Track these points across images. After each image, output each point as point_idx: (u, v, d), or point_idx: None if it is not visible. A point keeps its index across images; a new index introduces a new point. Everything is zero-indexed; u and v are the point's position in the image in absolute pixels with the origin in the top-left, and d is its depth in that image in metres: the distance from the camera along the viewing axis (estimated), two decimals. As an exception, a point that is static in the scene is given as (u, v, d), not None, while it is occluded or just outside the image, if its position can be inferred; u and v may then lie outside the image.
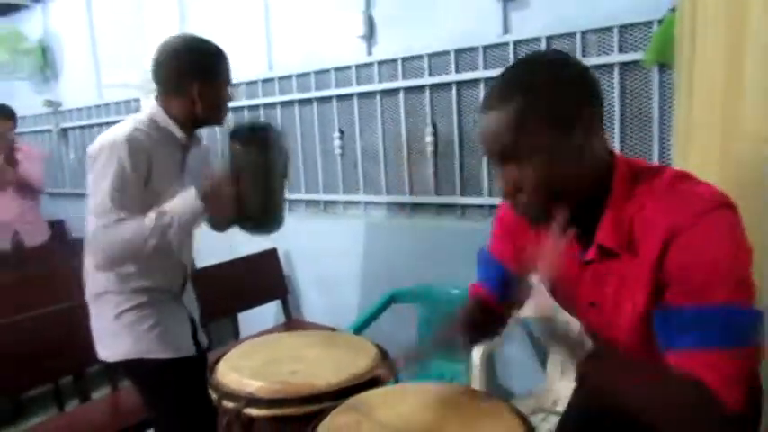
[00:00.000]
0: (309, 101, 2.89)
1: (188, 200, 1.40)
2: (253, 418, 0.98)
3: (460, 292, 2.27)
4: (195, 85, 1.47)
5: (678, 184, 0.80)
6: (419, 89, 2.48)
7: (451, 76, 2.35)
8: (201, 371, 1.48)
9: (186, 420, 1.50)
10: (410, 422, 0.84)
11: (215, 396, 1.06)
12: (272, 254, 2.97)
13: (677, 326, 0.75)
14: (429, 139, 2.46)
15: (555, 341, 0.88)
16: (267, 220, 1.53)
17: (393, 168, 2.64)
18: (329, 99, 2.81)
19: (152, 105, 1.52)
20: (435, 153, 2.47)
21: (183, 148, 1.56)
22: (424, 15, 2.42)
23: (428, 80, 2.42)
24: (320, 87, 2.84)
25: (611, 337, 0.92)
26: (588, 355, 0.83)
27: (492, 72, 2.23)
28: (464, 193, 2.42)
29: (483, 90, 2.29)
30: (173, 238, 1.39)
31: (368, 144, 2.71)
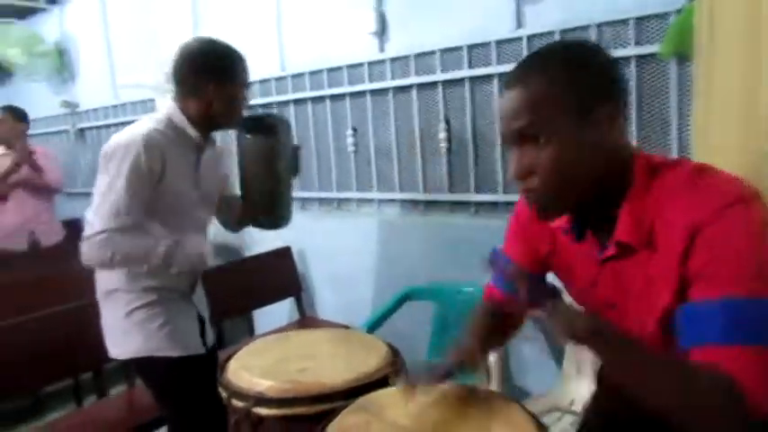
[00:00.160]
0: (322, 98, 2.89)
1: (198, 253, 1.48)
2: (262, 418, 0.98)
3: (474, 290, 2.25)
4: (211, 87, 1.48)
5: (699, 177, 0.77)
6: (432, 85, 2.46)
7: (464, 72, 2.32)
8: (211, 369, 1.49)
9: (196, 418, 1.51)
10: (420, 422, 0.83)
11: (224, 395, 1.05)
12: (285, 252, 2.98)
13: (703, 320, 0.71)
14: (442, 135, 2.44)
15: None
16: (274, 209, 1.54)
17: (406, 165, 2.63)
18: (342, 96, 2.80)
19: (169, 105, 1.54)
20: (449, 150, 2.45)
21: (198, 149, 1.57)
22: (435, 11, 2.40)
23: (441, 76, 2.40)
24: (333, 85, 2.83)
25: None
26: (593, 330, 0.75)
27: (505, 67, 2.20)
28: (478, 190, 2.40)
29: (496, 85, 2.26)
30: (171, 269, 1.46)
31: (381, 141, 2.70)
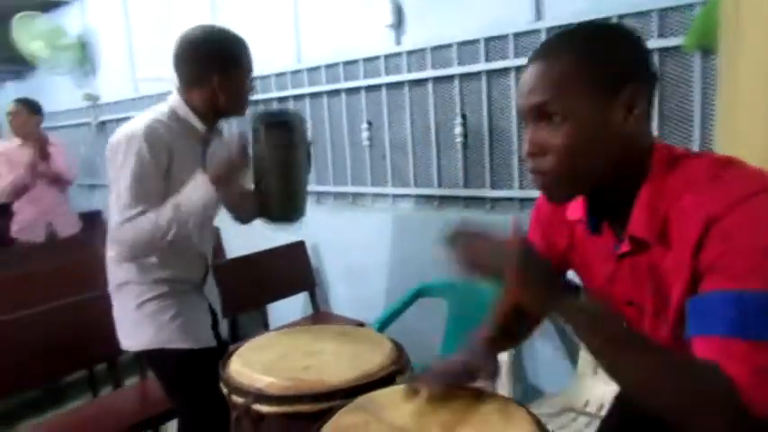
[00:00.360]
0: (338, 92, 2.87)
1: (199, 187, 1.39)
2: (263, 415, 0.97)
3: (488, 288, 2.21)
4: (215, 76, 1.46)
5: (721, 168, 0.73)
6: (448, 79, 2.42)
7: (481, 65, 2.28)
8: None
9: (206, 411, 1.51)
10: (420, 424, 0.81)
11: (225, 390, 1.04)
12: (299, 246, 2.97)
13: (712, 310, 0.67)
14: (458, 130, 2.40)
15: None
16: (288, 206, 1.52)
17: (421, 160, 2.60)
18: (358, 90, 2.78)
19: (173, 97, 1.52)
20: (464, 144, 2.42)
21: (204, 141, 1.55)
22: (452, 3, 2.36)
23: (457, 69, 2.36)
24: (349, 78, 2.81)
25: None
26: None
27: (523, 60, 2.15)
28: (494, 185, 2.36)
29: (513, 79, 2.22)
30: (191, 228, 1.39)
31: (396, 136, 2.67)
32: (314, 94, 2.99)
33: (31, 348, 2.04)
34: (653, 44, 1.86)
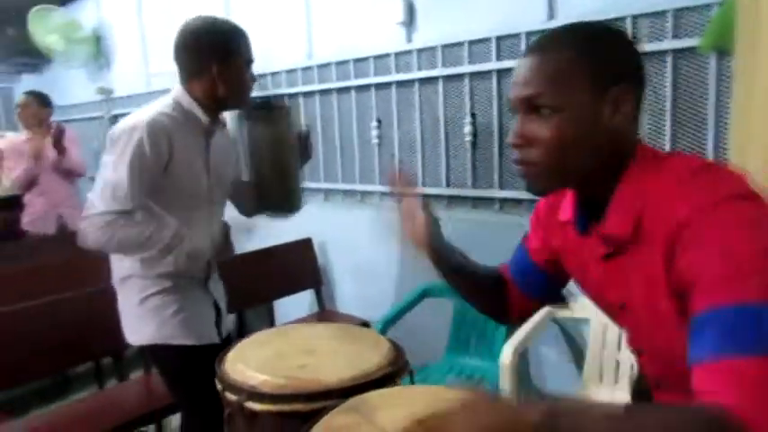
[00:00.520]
0: (348, 89, 2.85)
1: (175, 237, 1.46)
2: (256, 412, 0.95)
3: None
4: (214, 66, 1.46)
5: (693, 173, 0.72)
6: (458, 77, 2.40)
7: (492, 64, 2.26)
8: None
9: (206, 406, 1.50)
10: (412, 427, 0.79)
11: (219, 387, 1.03)
12: (306, 243, 2.97)
13: (695, 335, 0.64)
14: (467, 129, 2.38)
15: None
16: (281, 197, 1.52)
17: (430, 159, 2.58)
18: (368, 87, 2.76)
19: (176, 89, 1.52)
20: (473, 144, 2.39)
21: (207, 133, 1.55)
22: (464, 1, 2.33)
23: (467, 68, 2.34)
24: (359, 76, 2.79)
25: (652, 346, 0.83)
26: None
27: (534, 59, 2.12)
28: (503, 186, 2.33)
29: (525, 79, 2.18)
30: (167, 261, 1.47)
31: (405, 134, 2.65)
32: (324, 91, 2.98)
33: (39, 339, 2.06)
34: (667, 45, 1.82)
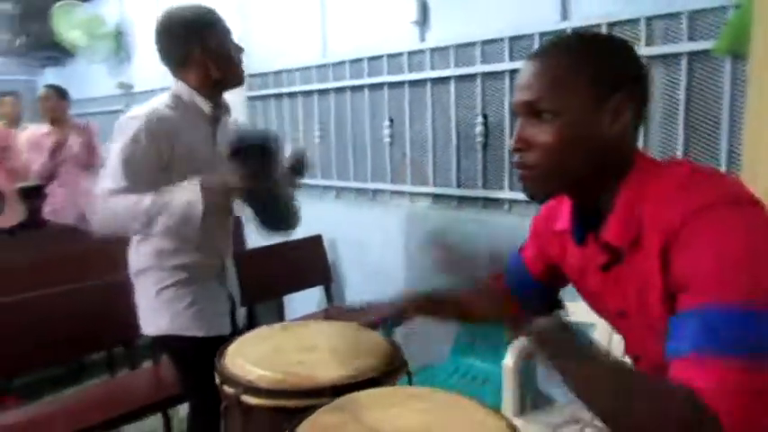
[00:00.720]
0: (361, 88, 2.86)
1: (189, 191, 1.40)
2: (251, 406, 0.97)
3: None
4: (196, 48, 1.49)
5: (689, 180, 0.73)
6: (471, 77, 2.39)
7: (505, 65, 2.25)
8: None
9: (216, 398, 1.53)
10: (398, 428, 0.80)
11: (218, 380, 1.05)
12: (317, 240, 2.98)
13: (676, 330, 0.66)
14: (479, 129, 2.37)
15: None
16: (276, 218, 1.55)
17: (441, 159, 2.57)
18: (381, 86, 2.77)
19: (173, 84, 1.55)
20: (484, 145, 2.38)
21: (212, 121, 1.57)
22: (478, 1, 2.32)
23: (480, 68, 2.33)
24: (373, 74, 2.80)
25: (650, 355, 0.83)
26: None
27: (547, 61, 2.11)
28: (513, 187, 2.32)
29: (537, 80, 2.17)
30: (161, 226, 1.40)
31: (417, 133, 2.66)
32: (338, 89, 2.99)
33: (55, 327, 2.10)
34: (682, 48, 1.80)
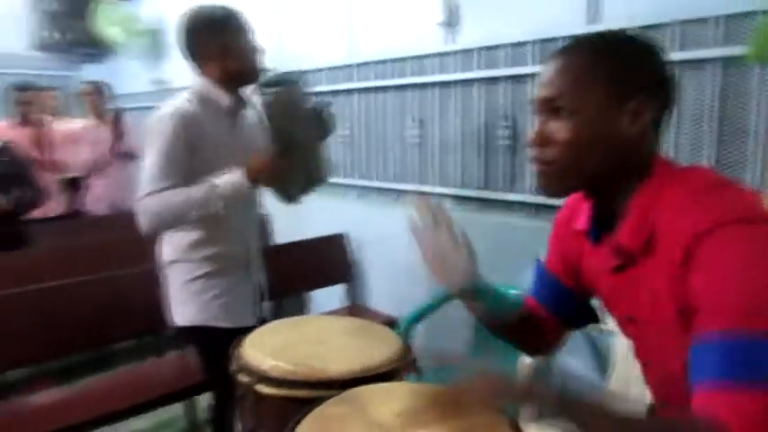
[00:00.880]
0: (387, 88, 2.88)
1: (235, 176, 1.52)
2: (264, 395, 1.01)
3: (521, 294, 2.17)
4: (216, 46, 1.56)
5: (710, 189, 0.72)
6: (496, 80, 2.39)
7: (530, 68, 2.23)
8: None
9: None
10: (397, 423, 0.81)
11: (233, 369, 1.10)
12: (340, 238, 3.02)
13: (698, 357, 0.65)
14: (504, 132, 2.37)
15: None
16: (304, 166, 1.62)
17: (466, 161, 2.58)
18: (406, 87, 2.78)
19: (194, 81, 1.62)
20: (511, 148, 2.38)
21: (231, 113, 1.64)
22: (505, 3, 2.32)
23: (505, 71, 2.32)
24: (398, 75, 2.82)
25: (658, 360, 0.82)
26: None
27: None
28: (537, 191, 2.31)
29: (563, 83, 2.16)
30: (217, 208, 1.50)
31: (442, 135, 2.66)
32: (363, 90, 3.02)
33: (88, 314, 2.19)
34: (712, 53, 1.77)
